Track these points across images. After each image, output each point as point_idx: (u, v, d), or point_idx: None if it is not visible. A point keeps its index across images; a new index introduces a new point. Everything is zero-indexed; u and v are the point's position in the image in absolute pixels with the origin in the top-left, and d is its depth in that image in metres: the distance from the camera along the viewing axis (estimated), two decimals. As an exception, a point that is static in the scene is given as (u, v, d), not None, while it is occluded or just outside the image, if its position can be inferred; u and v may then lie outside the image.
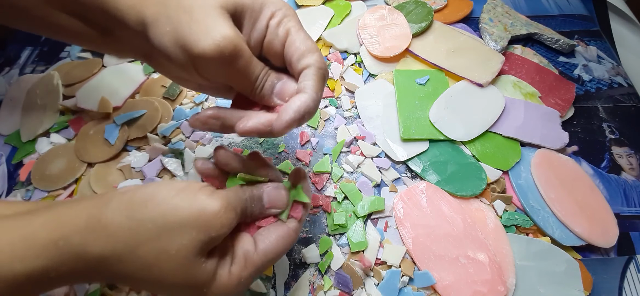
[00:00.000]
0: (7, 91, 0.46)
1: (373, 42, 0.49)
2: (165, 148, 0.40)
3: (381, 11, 0.52)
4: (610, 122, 0.45)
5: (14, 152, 0.42)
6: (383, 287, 0.33)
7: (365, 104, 0.45)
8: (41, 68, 0.49)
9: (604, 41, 0.54)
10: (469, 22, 0.54)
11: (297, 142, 0.42)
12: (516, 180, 0.39)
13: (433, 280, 0.33)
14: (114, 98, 0.44)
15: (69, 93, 0.45)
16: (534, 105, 0.44)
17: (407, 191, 0.38)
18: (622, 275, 0.35)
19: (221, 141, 0.42)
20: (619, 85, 0.49)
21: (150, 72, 0.47)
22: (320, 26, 0.52)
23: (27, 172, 0.40)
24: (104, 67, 0.48)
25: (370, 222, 0.37)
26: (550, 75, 0.48)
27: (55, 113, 0.44)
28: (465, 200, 0.38)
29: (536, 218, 0.37)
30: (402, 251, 0.35)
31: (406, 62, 0.49)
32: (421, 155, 0.40)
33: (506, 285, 0.33)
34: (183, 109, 0.44)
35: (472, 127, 0.42)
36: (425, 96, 0.44)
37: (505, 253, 0.35)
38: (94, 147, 0.40)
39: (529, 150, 0.42)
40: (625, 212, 0.39)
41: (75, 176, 0.39)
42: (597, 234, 0.36)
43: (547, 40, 0.52)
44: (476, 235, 0.35)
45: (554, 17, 0.57)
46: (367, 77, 0.48)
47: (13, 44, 0.52)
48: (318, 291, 0.33)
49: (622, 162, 0.42)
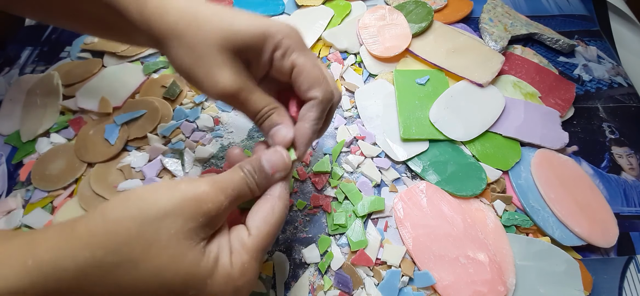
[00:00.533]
0: (7, 91, 0.46)
1: (373, 42, 0.49)
2: (165, 148, 0.40)
3: (381, 11, 0.52)
4: (610, 122, 0.45)
5: (14, 152, 0.42)
6: (383, 287, 0.33)
7: (365, 104, 0.45)
8: (41, 68, 0.49)
9: (604, 41, 0.54)
10: (469, 22, 0.54)
11: (297, 142, 0.42)
12: (516, 180, 0.39)
13: (433, 280, 0.33)
14: (114, 98, 0.44)
15: (69, 93, 0.45)
16: (534, 105, 0.44)
17: (407, 191, 0.38)
18: (622, 275, 0.35)
19: (221, 141, 0.42)
20: (619, 85, 0.49)
21: (150, 72, 0.47)
22: (320, 26, 0.52)
23: (27, 172, 0.40)
24: (104, 67, 0.48)
25: (370, 222, 0.37)
26: (550, 75, 0.48)
27: (55, 113, 0.44)
28: (465, 200, 0.38)
29: (536, 218, 0.37)
30: (402, 251, 0.35)
31: (406, 62, 0.49)
32: (421, 155, 0.40)
33: (506, 285, 0.33)
34: (183, 109, 0.44)
35: (472, 127, 0.42)
36: (425, 96, 0.44)
37: (505, 253, 0.35)
38: (94, 147, 0.40)
39: (529, 150, 0.42)
40: (625, 212, 0.39)
41: (75, 176, 0.39)
42: (597, 234, 0.36)
43: (547, 40, 0.52)
44: (476, 235, 0.35)
45: (554, 17, 0.57)
46: (367, 77, 0.48)
47: (13, 44, 0.52)
48: (318, 291, 0.33)
49: (622, 162, 0.42)
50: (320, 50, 0.50)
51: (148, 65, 0.47)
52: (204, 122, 0.43)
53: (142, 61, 0.49)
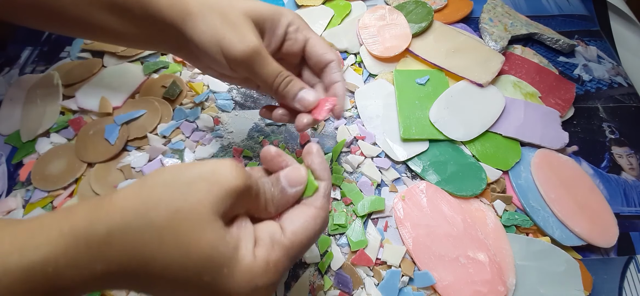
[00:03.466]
0: (7, 91, 0.46)
1: (373, 42, 0.49)
2: (165, 148, 0.40)
3: (381, 11, 0.52)
4: (610, 122, 0.45)
5: (14, 152, 0.42)
6: (383, 287, 0.33)
7: (365, 104, 0.45)
8: (41, 68, 0.49)
9: (604, 41, 0.54)
10: (469, 22, 0.54)
11: (297, 142, 0.42)
12: (516, 180, 0.39)
13: (433, 280, 0.33)
14: (114, 99, 0.44)
15: (69, 93, 0.45)
16: (534, 105, 0.44)
17: (407, 191, 0.38)
18: (622, 275, 0.35)
19: (221, 142, 0.42)
20: (619, 85, 0.49)
21: (150, 72, 0.47)
22: (320, 26, 0.52)
23: (27, 172, 0.40)
24: (104, 67, 0.48)
25: (370, 222, 0.37)
26: (550, 75, 0.48)
27: (55, 113, 0.44)
28: (465, 200, 0.38)
29: (536, 218, 0.37)
30: (402, 251, 0.35)
31: (406, 62, 0.49)
32: (421, 155, 0.40)
33: (506, 285, 0.33)
34: (183, 109, 0.44)
35: (472, 127, 0.42)
36: (425, 96, 0.44)
37: (505, 253, 0.35)
38: (94, 147, 0.40)
39: (529, 150, 0.42)
40: (625, 212, 0.39)
41: (75, 176, 0.39)
42: (597, 234, 0.36)
43: (547, 40, 0.52)
44: (476, 235, 0.35)
45: (554, 17, 0.57)
46: (367, 77, 0.48)
47: (13, 44, 0.52)
48: (318, 291, 0.33)
49: (622, 162, 0.42)
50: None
51: (148, 65, 0.47)
52: (204, 122, 0.43)
53: (142, 61, 0.49)
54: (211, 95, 0.46)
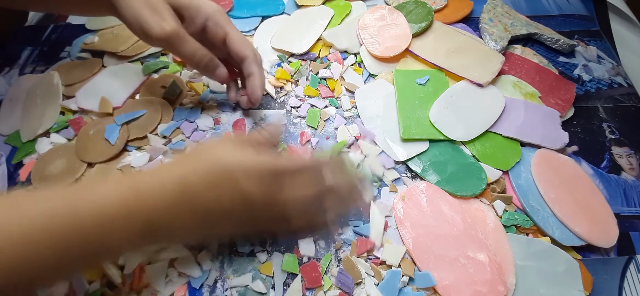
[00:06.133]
0: (7, 91, 0.46)
1: (373, 42, 0.49)
2: (165, 148, 0.40)
3: (381, 11, 0.52)
4: (610, 122, 0.45)
5: (14, 152, 0.42)
6: (383, 287, 0.33)
7: (365, 104, 0.45)
8: (41, 68, 0.49)
9: (604, 41, 0.54)
10: (469, 22, 0.54)
11: (297, 142, 0.42)
12: (516, 180, 0.39)
13: (433, 281, 0.33)
14: (114, 99, 0.44)
15: (69, 93, 0.45)
16: (534, 105, 0.44)
17: (407, 191, 0.38)
18: (622, 275, 0.35)
19: (221, 141, 0.42)
20: (619, 85, 0.49)
21: (150, 72, 0.47)
22: (320, 26, 0.52)
23: (27, 172, 0.40)
24: (104, 67, 0.48)
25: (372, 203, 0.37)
26: (550, 75, 0.48)
27: (55, 113, 0.44)
28: (465, 200, 0.38)
29: (536, 218, 0.37)
30: (402, 251, 0.35)
31: (406, 62, 0.49)
32: (421, 155, 0.40)
33: (506, 285, 0.33)
34: (183, 109, 0.44)
35: (472, 127, 0.42)
36: (425, 96, 0.44)
37: (505, 253, 0.35)
38: (94, 147, 0.40)
39: (529, 150, 0.42)
40: (625, 212, 0.39)
41: (75, 176, 0.39)
42: (597, 234, 0.36)
43: (547, 40, 0.52)
44: (476, 235, 0.35)
45: (554, 17, 0.57)
46: (367, 77, 0.48)
47: (13, 44, 0.52)
48: (318, 291, 0.33)
49: (622, 162, 0.42)
50: (320, 50, 0.50)
51: (148, 65, 0.47)
52: (204, 122, 0.43)
53: (142, 61, 0.49)
54: (211, 95, 0.46)
